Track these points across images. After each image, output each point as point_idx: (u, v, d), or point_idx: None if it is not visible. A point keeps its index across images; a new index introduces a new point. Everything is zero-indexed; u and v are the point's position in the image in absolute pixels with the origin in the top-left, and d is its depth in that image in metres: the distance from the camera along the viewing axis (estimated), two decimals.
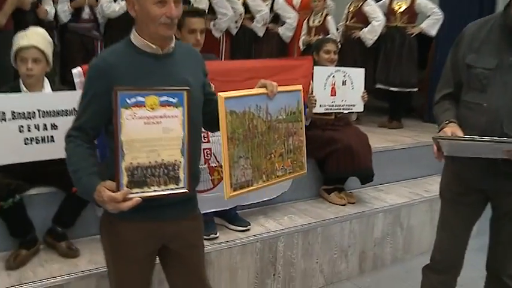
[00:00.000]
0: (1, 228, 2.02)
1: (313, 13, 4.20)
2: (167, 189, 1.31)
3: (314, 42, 3.36)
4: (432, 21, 4.05)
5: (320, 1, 4.12)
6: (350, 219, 2.73)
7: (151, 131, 1.27)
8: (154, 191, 1.29)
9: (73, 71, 1.93)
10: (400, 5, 4.17)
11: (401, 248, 3.01)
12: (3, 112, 1.85)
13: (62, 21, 3.56)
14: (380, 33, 4.11)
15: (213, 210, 2.35)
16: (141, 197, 1.26)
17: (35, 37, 2.02)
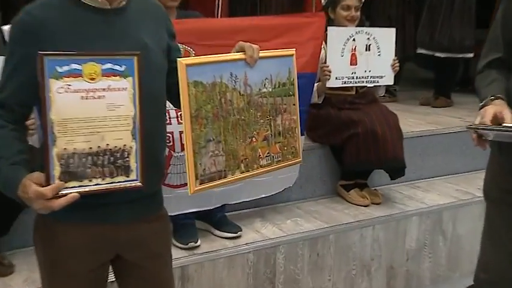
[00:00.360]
0: None
1: None
2: (114, 183, 1.32)
3: None
4: None
5: None
6: (374, 224, 2.73)
7: (91, 108, 1.27)
8: (97, 184, 1.30)
9: (3, 28, 1.92)
10: None
11: (444, 263, 2.99)
12: None
13: None
14: None
15: (193, 211, 2.37)
16: (79, 192, 1.27)
17: None
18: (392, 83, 2.97)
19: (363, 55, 2.80)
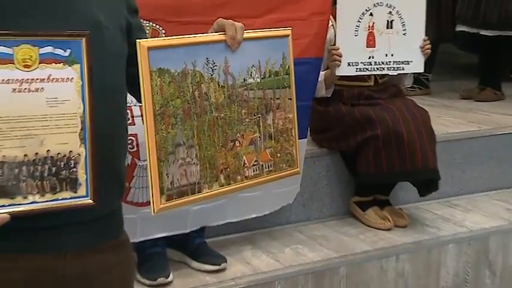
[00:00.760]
0: None
1: None
2: (56, 200, 1.33)
3: None
4: None
5: None
6: (398, 253, 2.74)
7: (26, 103, 1.28)
8: (34, 202, 1.30)
9: None
10: None
11: None
12: None
13: None
14: None
15: (164, 236, 2.40)
16: (10, 213, 1.28)
17: None
18: (422, 70, 2.99)
19: (383, 34, 2.83)
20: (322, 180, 3.00)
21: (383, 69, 2.87)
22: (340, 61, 2.77)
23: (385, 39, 2.84)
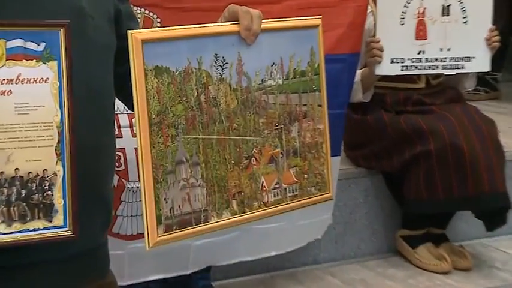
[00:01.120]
0: None
1: None
2: (27, 231, 1.35)
3: None
4: None
5: None
6: None
7: None
8: None
9: None
10: None
11: None
12: None
13: None
14: None
15: (160, 278, 2.41)
16: None
17: None
18: (488, 68, 2.99)
19: (438, 22, 2.85)
20: (359, 208, 3.01)
21: (437, 68, 2.88)
22: (381, 57, 2.79)
23: (439, 29, 2.85)
